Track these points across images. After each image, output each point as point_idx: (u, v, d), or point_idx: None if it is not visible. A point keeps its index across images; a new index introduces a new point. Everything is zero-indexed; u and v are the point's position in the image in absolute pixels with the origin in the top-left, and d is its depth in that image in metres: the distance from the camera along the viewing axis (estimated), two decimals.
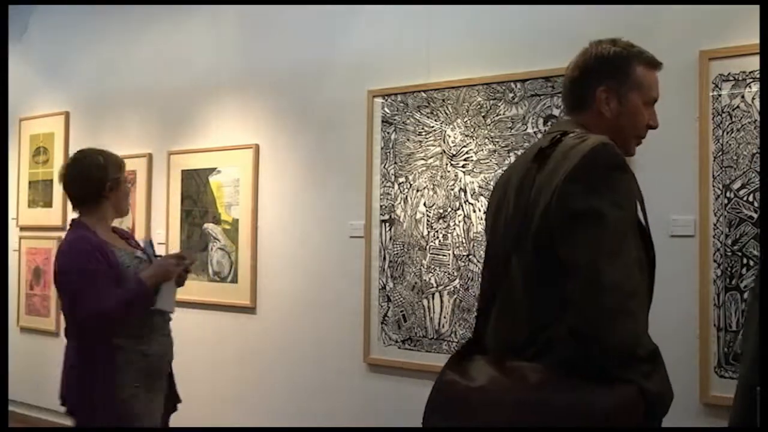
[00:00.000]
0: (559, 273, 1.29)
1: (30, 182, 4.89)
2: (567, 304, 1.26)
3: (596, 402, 1.24)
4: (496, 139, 2.94)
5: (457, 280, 3.01)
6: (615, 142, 1.40)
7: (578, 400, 1.25)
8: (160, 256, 2.47)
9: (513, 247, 1.44)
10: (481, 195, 2.96)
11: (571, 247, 1.28)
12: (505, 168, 2.91)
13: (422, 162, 3.14)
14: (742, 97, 2.43)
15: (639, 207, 1.41)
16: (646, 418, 1.27)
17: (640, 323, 1.28)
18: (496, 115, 2.95)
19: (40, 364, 4.50)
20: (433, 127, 3.11)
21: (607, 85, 1.51)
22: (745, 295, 2.39)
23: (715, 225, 2.46)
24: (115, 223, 2.51)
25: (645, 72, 1.52)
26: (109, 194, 2.37)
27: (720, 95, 2.47)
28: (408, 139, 3.18)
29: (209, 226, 3.89)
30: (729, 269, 2.43)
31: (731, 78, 2.45)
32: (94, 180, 2.34)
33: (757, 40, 2.29)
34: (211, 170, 3.90)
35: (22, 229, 4.88)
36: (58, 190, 4.69)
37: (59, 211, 4.64)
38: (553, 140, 1.44)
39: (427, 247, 3.10)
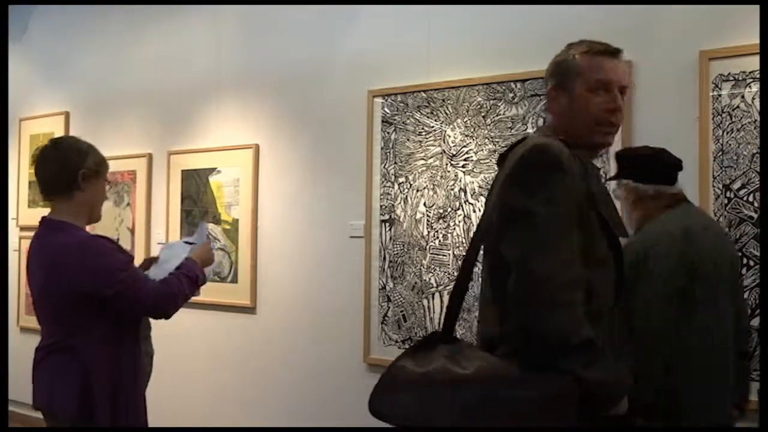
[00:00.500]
0: (507, 270, 1.37)
1: (30, 182, 4.88)
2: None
3: (528, 392, 1.30)
4: (496, 139, 2.94)
5: None
6: (577, 136, 1.51)
7: (508, 390, 1.31)
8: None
9: (482, 246, 1.55)
10: (481, 195, 2.96)
11: (507, 244, 1.39)
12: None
13: (422, 162, 3.14)
14: (742, 97, 2.43)
15: (600, 203, 1.46)
16: (589, 407, 1.30)
17: (573, 314, 1.30)
18: (496, 115, 2.95)
19: None
20: (433, 127, 3.11)
21: (553, 84, 1.58)
22: (746, 295, 2.39)
23: None
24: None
25: (585, 58, 1.53)
26: (84, 185, 2.07)
27: (720, 95, 2.47)
28: (408, 139, 3.18)
29: (209, 226, 3.89)
30: None
31: (731, 78, 2.45)
32: (70, 164, 2.06)
33: (757, 40, 2.29)
34: (211, 170, 3.90)
35: (22, 229, 4.88)
36: None
37: None
38: (512, 145, 1.54)
39: (427, 247, 3.10)
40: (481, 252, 1.55)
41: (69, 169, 2.06)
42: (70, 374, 2.00)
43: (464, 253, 1.61)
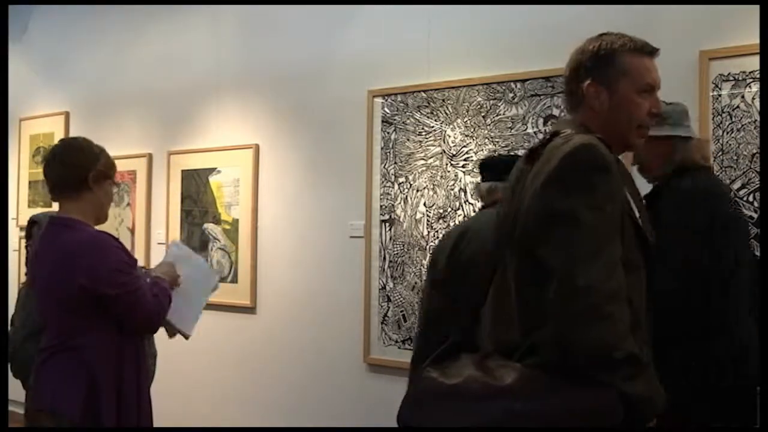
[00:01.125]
0: (543, 275, 1.29)
1: (30, 182, 4.89)
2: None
3: (570, 405, 1.24)
4: (496, 139, 2.94)
5: None
6: (614, 136, 1.43)
7: (549, 402, 1.25)
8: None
9: (505, 249, 1.45)
10: None
11: (547, 249, 1.29)
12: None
13: (422, 162, 3.14)
14: (742, 97, 2.43)
15: (634, 206, 1.41)
16: (632, 422, 1.26)
17: (618, 326, 1.23)
18: (496, 115, 2.95)
19: None
20: (433, 127, 3.11)
21: (593, 79, 1.48)
22: None
23: None
24: None
25: (632, 59, 1.46)
26: (94, 186, 2.09)
27: (720, 95, 2.47)
28: (408, 139, 3.18)
29: (209, 226, 3.89)
30: None
31: (731, 78, 2.45)
32: (80, 164, 2.08)
33: (757, 40, 2.29)
34: (211, 170, 3.90)
35: (22, 229, 4.88)
36: None
37: None
38: (543, 141, 1.45)
39: (427, 247, 3.10)
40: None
41: (80, 169, 2.08)
42: (76, 375, 2.00)
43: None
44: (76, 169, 2.09)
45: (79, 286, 1.96)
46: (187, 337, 2.30)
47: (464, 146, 3.02)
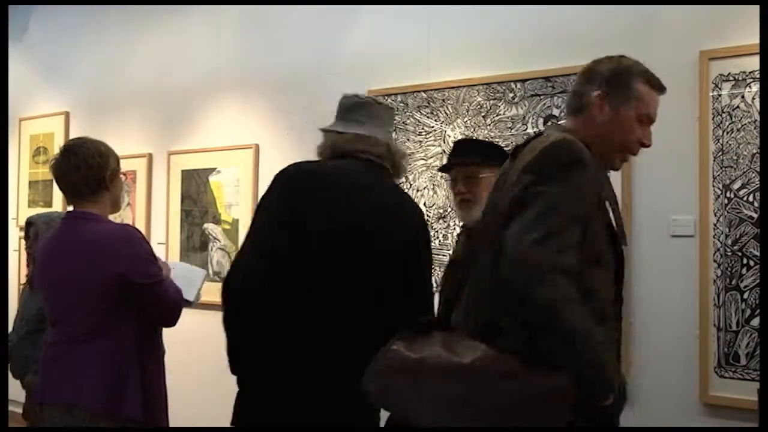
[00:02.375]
0: None
1: (30, 182, 4.89)
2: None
3: (525, 387, 1.31)
4: (496, 139, 2.94)
5: None
6: (600, 151, 1.50)
7: (505, 382, 1.32)
8: None
9: (483, 239, 1.53)
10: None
11: (513, 227, 1.35)
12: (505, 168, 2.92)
13: (422, 162, 3.14)
14: (742, 97, 2.43)
15: (609, 207, 1.48)
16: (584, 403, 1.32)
17: (562, 290, 1.29)
18: (496, 115, 2.95)
19: None
20: (433, 127, 3.11)
21: (603, 91, 1.55)
22: (746, 295, 2.39)
23: (715, 225, 2.46)
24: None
25: (644, 88, 1.55)
26: (109, 185, 2.16)
27: (720, 95, 2.47)
28: (408, 139, 3.18)
29: (209, 226, 3.89)
30: (729, 269, 2.42)
31: (731, 78, 2.45)
32: (95, 167, 2.12)
33: (757, 40, 2.29)
34: (211, 170, 3.90)
35: (22, 229, 4.88)
36: (58, 189, 4.68)
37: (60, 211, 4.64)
38: (526, 140, 1.53)
39: None
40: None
41: (95, 173, 2.12)
42: (100, 367, 2.01)
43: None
44: (90, 174, 2.12)
45: (118, 275, 2.00)
46: (189, 304, 2.40)
47: None
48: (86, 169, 2.12)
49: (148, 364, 2.10)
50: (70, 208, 2.21)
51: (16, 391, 3.74)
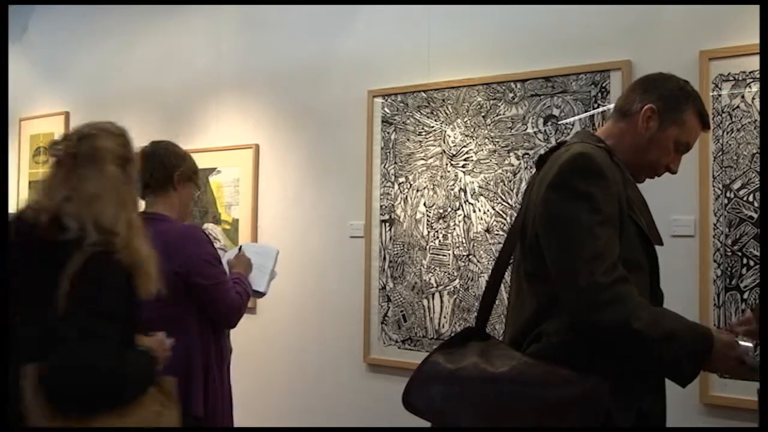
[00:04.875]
0: (548, 272, 1.43)
1: (30, 182, 4.89)
2: (557, 302, 1.41)
3: (559, 392, 1.35)
4: (496, 139, 2.94)
5: (457, 280, 3.01)
6: (631, 161, 1.55)
7: (537, 390, 1.36)
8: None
9: (517, 246, 1.58)
10: (481, 195, 2.96)
11: (550, 250, 1.42)
12: (504, 168, 2.92)
13: (422, 162, 3.14)
14: (742, 97, 2.43)
15: (636, 210, 1.49)
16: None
17: (627, 303, 1.35)
18: (496, 115, 2.95)
19: None
20: (433, 127, 3.11)
21: (657, 106, 1.57)
22: (746, 295, 2.39)
23: (715, 225, 2.46)
24: None
25: (693, 119, 1.59)
26: (178, 186, 2.27)
27: (720, 95, 2.47)
28: (408, 139, 3.18)
29: (209, 226, 3.89)
30: (729, 269, 2.43)
31: (731, 78, 2.45)
32: (166, 165, 2.26)
33: (757, 40, 2.29)
34: (211, 170, 3.90)
35: None
36: None
37: None
38: (551, 149, 1.57)
39: (427, 247, 3.10)
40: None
41: (167, 169, 2.24)
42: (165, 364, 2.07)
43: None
44: (163, 168, 2.25)
45: (180, 274, 2.07)
46: (261, 295, 2.57)
47: (464, 146, 3.02)
48: (159, 163, 2.26)
49: (212, 363, 2.19)
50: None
51: None
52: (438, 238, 3.07)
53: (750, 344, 1.40)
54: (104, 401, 1.35)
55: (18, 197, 4.93)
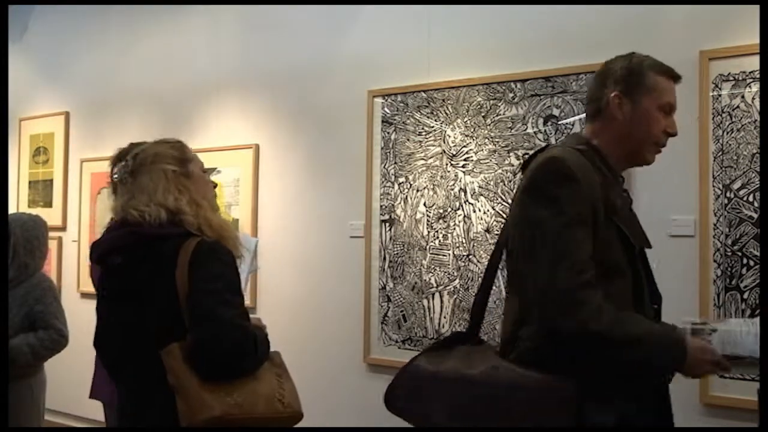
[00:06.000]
0: (522, 278, 1.47)
1: (30, 182, 4.89)
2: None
3: (529, 395, 1.38)
4: (496, 139, 2.94)
5: (457, 280, 3.01)
6: (628, 149, 1.56)
7: (506, 391, 1.40)
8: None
9: (504, 251, 1.62)
10: (481, 195, 2.96)
11: (522, 254, 1.46)
12: (504, 168, 2.92)
13: (422, 162, 3.14)
14: (742, 97, 2.43)
15: (617, 212, 1.49)
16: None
17: (588, 306, 1.37)
18: (496, 115, 2.95)
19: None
20: (433, 127, 3.11)
21: (620, 91, 1.57)
22: (746, 295, 2.39)
23: (715, 225, 2.46)
24: None
25: (658, 78, 1.58)
26: None
27: (720, 95, 2.47)
28: (408, 139, 3.18)
29: None
30: (729, 269, 2.43)
31: (731, 78, 2.45)
32: None
33: (757, 40, 2.29)
34: (211, 170, 3.90)
35: None
36: (58, 189, 4.69)
37: (59, 211, 4.64)
38: (534, 152, 1.60)
39: (427, 247, 3.10)
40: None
41: None
42: None
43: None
44: None
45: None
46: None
47: (464, 146, 3.02)
48: None
49: None
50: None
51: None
52: (438, 238, 3.07)
53: (698, 322, 1.47)
54: (249, 359, 1.52)
55: (18, 197, 4.93)
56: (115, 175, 1.73)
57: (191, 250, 1.53)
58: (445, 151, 3.07)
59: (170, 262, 1.52)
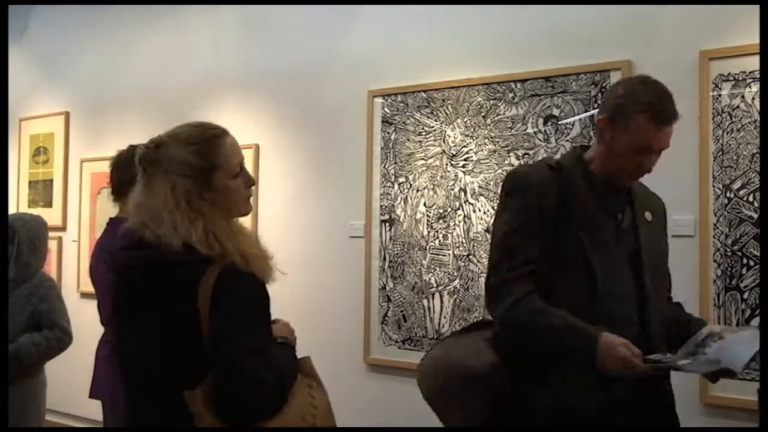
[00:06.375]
0: None
1: (30, 182, 4.89)
2: None
3: (468, 365, 1.66)
4: (496, 139, 2.94)
5: (457, 280, 3.01)
6: (611, 170, 1.66)
7: (459, 362, 1.69)
8: None
9: None
10: (481, 195, 2.96)
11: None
12: (504, 168, 2.92)
13: (422, 162, 3.14)
14: (742, 97, 2.43)
15: (575, 218, 1.62)
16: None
17: (507, 299, 1.61)
18: (496, 115, 2.95)
19: None
20: (433, 127, 3.11)
21: (607, 117, 1.64)
22: (746, 295, 2.39)
23: (715, 225, 2.46)
24: None
25: (640, 121, 1.60)
26: None
27: (720, 95, 2.47)
28: (408, 139, 3.18)
29: None
30: (729, 269, 2.43)
31: (731, 78, 2.45)
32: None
33: (757, 40, 2.29)
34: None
35: None
36: (58, 189, 4.69)
37: (59, 211, 4.64)
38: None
39: (427, 247, 3.10)
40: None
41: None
42: None
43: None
44: (136, 171, 2.16)
45: None
46: None
47: (464, 146, 3.02)
48: (132, 167, 2.19)
49: None
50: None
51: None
52: (438, 238, 3.07)
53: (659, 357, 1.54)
54: (273, 406, 1.42)
55: (18, 197, 4.93)
56: (139, 163, 1.59)
57: (213, 281, 1.40)
58: (445, 151, 3.07)
59: (191, 293, 1.39)
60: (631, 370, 1.48)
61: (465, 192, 3.01)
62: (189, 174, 1.51)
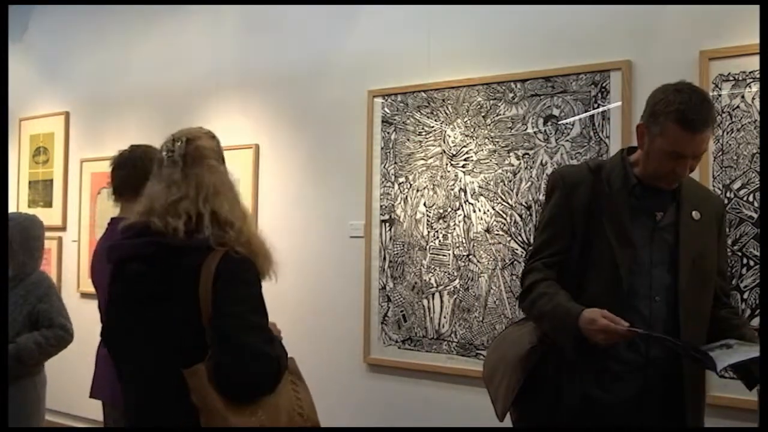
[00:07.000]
0: None
1: (30, 182, 4.89)
2: None
3: (515, 349, 1.85)
4: (496, 139, 2.94)
5: (457, 280, 3.01)
6: (649, 173, 1.73)
7: (509, 345, 1.89)
8: None
9: None
10: (481, 195, 2.96)
11: None
12: (504, 168, 2.92)
13: (422, 162, 3.14)
14: (742, 97, 2.43)
15: (609, 215, 1.73)
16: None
17: (527, 277, 1.84)
18: (496, 115, 2.95)
19: None
20: (433, 127, 3.11)
21: (644, 122, 1.73)
22: (746, 295, 2.39)
23: None
24: None
25: (670, 127, 1.65)
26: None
27: (720, 95, 2.47)
28: (408, 139, 3.18)
29: None
30: (729, 269, 2.42)
31: (731, 78, 2.45)
32: (138, 170, 2.25)
33: (757, 40, 2.29)
34: None
35: None
36: (58, 189, 4.69)
37: (59, 211, 4.64)
38: None
39: (427, 247, 3.10)
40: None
41: (138, 174, 2.21)
42: None
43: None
44: (135, 172, 2.24)
45: None
46: None
47: (464, 146, 3.02)
48: (132, 167, 2.27)
49: None
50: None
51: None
52: (438, 238, 3.07)
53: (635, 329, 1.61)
54: (272, 383, 1.53)
55: (18, 197, 4.93)
56: (169, 157, 1.68)
57: (215, 266, 1.48)
58: (445, 151, 3.07)
59: (193, 276, 1.47)
60: (614, 338, 1.57)
61: (465, 192, 3.01)
62: (222, 161, 1.71)
